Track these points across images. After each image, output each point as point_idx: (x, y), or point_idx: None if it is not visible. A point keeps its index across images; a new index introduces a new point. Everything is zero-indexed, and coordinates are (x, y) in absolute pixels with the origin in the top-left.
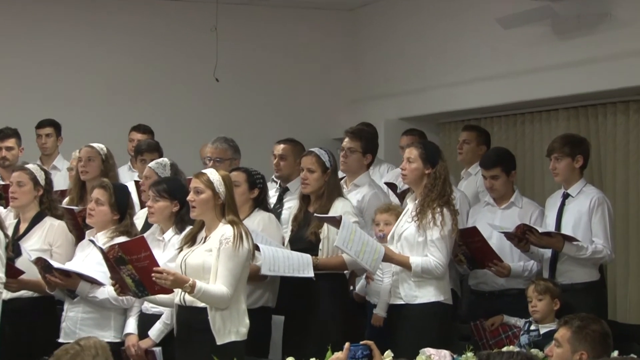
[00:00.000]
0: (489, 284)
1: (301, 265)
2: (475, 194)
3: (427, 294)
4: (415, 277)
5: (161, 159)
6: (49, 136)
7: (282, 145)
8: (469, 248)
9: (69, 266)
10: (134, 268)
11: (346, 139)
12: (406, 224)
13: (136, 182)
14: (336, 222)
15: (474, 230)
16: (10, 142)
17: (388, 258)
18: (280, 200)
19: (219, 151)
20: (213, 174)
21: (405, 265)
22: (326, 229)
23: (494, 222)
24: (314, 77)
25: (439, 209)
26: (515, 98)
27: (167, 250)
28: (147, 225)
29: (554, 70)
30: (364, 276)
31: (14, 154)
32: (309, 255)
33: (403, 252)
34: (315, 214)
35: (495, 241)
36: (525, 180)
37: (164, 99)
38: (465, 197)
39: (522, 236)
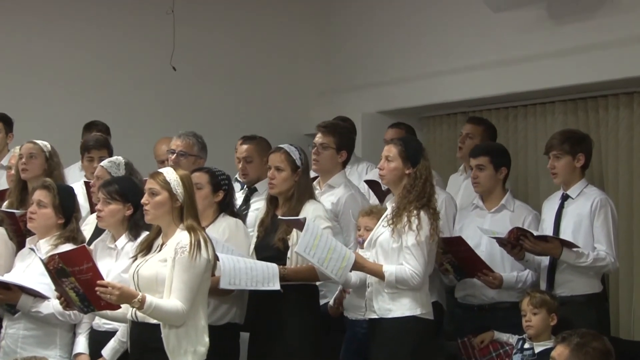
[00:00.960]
0: (478, 296)
1: (266, 276)
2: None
3: (401, 308)
4: (389, 287)
5: (114, 157)
6: None
7: (245, 146)
8: (455, 256)
9: (9, 278)
10: (76, 281)
11: (318, 134)
12: (382, 229)
13: (86, 183)
14: (301, 224)
15: (458, 240)
16: None
17: (359, 266)
18: (246, 201)
19: (185, 144)
20: (170, 174)
21: (378, 274)
22: (295, 235)
23: (483, 227)
24: (283, 66)
25: (415, 212)
26: (506, 89)
27: (120, 260)
28: (98, 232)
29: (550, 58)
30: (339, 288)
31: None
32: (275, 266)
33: (378, 260)
34: (279, 216)
35: (485, 248)
36: (518, 181)
37: (116, 90)
38: (452, 200)
39: (515, 242)
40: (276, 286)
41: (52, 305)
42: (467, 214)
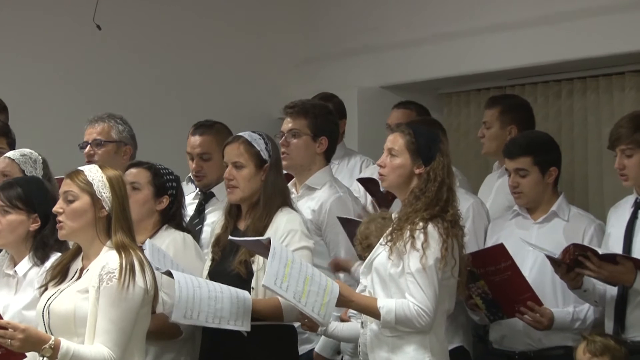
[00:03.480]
0: (520, 339)
1: (234, 310)
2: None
3: (404, 357)
4: (386, 329)
5: (28, 151)
6: None
7: (198, 138)
8: (488, 282)
9: None
10: None
11: (286, 119)
12: (379, 248)
13: None
14: (263, 247)
15: (498, 251)
16: None
17: (344, 301)
18: (200, 211)
19: (100, 130)
20: (93, 172)
21: (370, 311)
22: (262, 258)
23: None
24: (250, 29)
25: (421, 224)
26: (557, 56)
27: (21, 291)
28: None
29: (618, 13)
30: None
31: None
32: (248, 295)
33: (374, 291)
34: (230, 237)
35: (529, 273)
36: (574, 182)
37: (14, 57)
38: (482, 207)
39: (571, 263)
40: (245, 326)
41: None
42: (505, 224)
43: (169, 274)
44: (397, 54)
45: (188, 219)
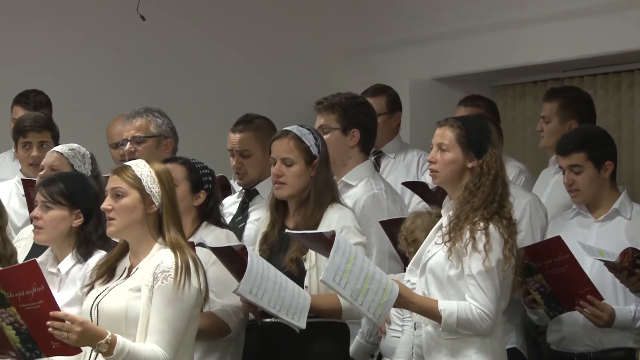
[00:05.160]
0: (580, 340)
1: (294, 305)
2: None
3: None
4: (446, 332)
5: (76, 145)
6: None
7: (238, 135)
8: (546, 276)
9: None
10: (19, 312)
11: (317, 117)
12: (434, 247)
13: (24, 182)
14: (324, 241)
15: (555, 245)
16: None
17: (404, 302)
18: (243, 208)
19: (138, 126)
20: (141, 167)
21: (430, 313)
22: (314, 254)
23: (586, 242)
24: (298, 19)
25: (482, 224)
26: (617, 46)
27: (64, 289)
28: (36, 251)
29: None
30: (361, 329)
31: None
32: (308, 295)
33: (429, 292)
34: (286, 230)
35: (588, 269)
36: (634, 177)
37: (58, 51)
38: (539, 204)
39: (630, 268)
40: (301, 323)
41: None
42: (565, 222)
43: (243, 248)
44: (450, 45)
45: (231, 217)
